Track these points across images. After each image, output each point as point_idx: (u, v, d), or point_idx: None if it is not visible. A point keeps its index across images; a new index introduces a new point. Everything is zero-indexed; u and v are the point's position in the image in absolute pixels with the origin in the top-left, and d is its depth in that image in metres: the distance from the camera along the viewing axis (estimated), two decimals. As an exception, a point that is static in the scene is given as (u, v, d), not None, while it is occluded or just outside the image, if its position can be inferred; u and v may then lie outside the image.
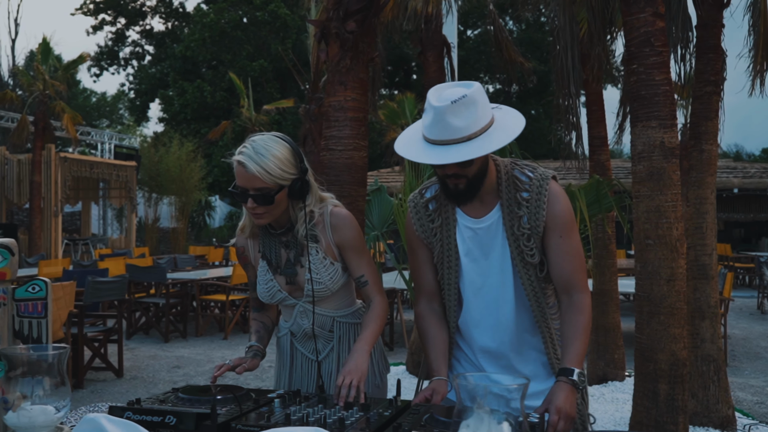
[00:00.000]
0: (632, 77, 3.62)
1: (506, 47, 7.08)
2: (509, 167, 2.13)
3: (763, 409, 5.97)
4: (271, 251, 2.28)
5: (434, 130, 1.97)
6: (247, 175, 2.08)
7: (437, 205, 2.20)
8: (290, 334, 2.39)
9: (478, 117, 1.97)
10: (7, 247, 1.72)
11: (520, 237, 2.09)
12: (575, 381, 1.95)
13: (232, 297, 9.53)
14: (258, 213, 2.14)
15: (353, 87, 4.26)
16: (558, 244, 2.08)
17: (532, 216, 2.07)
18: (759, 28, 4.59)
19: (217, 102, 27.19)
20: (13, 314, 1.74)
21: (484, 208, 2.13)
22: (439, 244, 2.19)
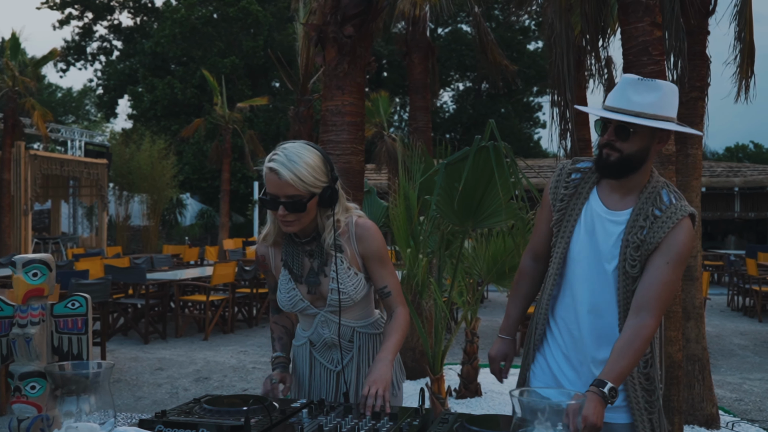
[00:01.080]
0: (630, 85, 3.68)
1: (491, 50, 7.15)
2: (660, 185, 2.19)
3: (743, 405, 6.13)
4: (293, 260, 2.28)
5: (613, 97, 2.11)
6: (279, 182, 2.08)
7: (580, 178, 2.26)
8: (309, 343, 2.37)
9: (654, 102, 2.06)
10: (45, 263, 1.71)
11: (631, 245, 2.12)
12: (605, 394, 1.99)
13: (212, 297, 9.47)
14: (288, 221, 2.14)
15: (350, 91, 4.28)
16: (660, 267, 2.10)
17: (651, 232, 2.11)
18: (745, 36, 4.71)
19: (187, 99, 26.91)
20: (52, 330, 1.73)
21: (620, 205, 2.18)
22: (562, 211, 2.26)
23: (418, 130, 7.26)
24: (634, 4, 3.60)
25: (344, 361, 2.36)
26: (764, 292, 11.27)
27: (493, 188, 4.52)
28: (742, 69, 4.84)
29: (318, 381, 2.39)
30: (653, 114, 2.05)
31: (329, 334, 2.32)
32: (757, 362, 8.03)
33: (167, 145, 21.70)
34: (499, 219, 4.54)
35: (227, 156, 18.64)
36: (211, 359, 8.12)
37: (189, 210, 26.73)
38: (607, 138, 2.11)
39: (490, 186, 4.53)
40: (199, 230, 25.58)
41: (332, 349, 2.35)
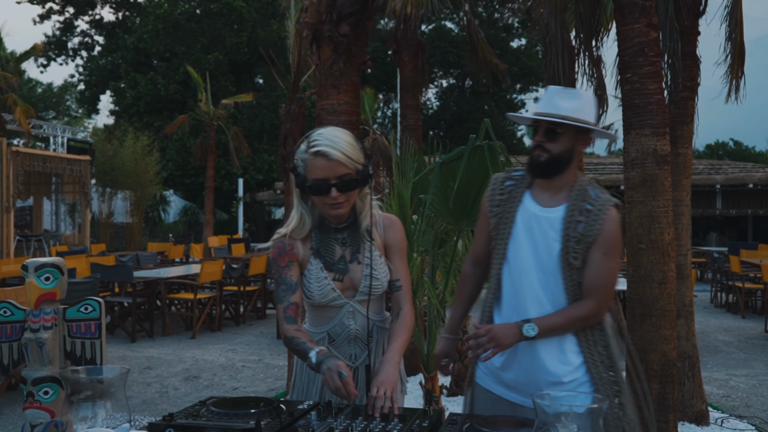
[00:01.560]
0: (626, 86, 3.71)
1: (481, 48, 7.16)
2: (586, 182, 2.39)
3: (730, 402, 6.20)
4: (326, 248, 2.27)
5: (541, 104, 2.32)
6: (329, 164, 2.10)
7: (514, 184, 2.44)
8: (327, 338, 2.32)
9: (578, 108, 2.29)
10: (57, 267, 1.69)
11: (572, 238, 2.30)
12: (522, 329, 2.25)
13: (199, 296, 9.42)
14: (339, 202, 2.16)
15: (346, 90, 4.27)
16: (598, 258, 2.29)
17: (588, 225, 2.29)
18: (736, 37, 4.75)
19: (170, 95, 26.70)
20: (65, 335, 1.71)
21: (552, 202, 2.36)
22: (498, 216, 2.42)
23: (409, 128, 7.26)
24: (630, 6, 3.63)
25: (361, 357, 2.34)
26: (747, 289, 11.41)
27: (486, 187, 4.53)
28: (733, 69, 4.89)
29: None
30: (576, 118, 2.27)
31: (354, 325, 2.30)
32: (742, 358, 8.13)
33: (150, 142, 21.53)
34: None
35: (212, 153, 18.55)
36: (199, 358, 8.08)
37: (172, 207, 26.55)
38: (538, 140, 2.31)
39: (484, 185, 4.52)
40: (182, 227, 25.42)
41: (352, 344, 2.33)
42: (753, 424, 5.42)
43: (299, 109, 5.88)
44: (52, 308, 1.69)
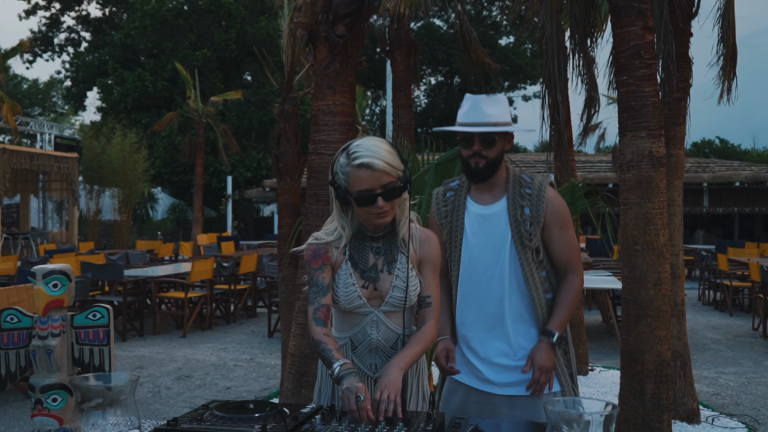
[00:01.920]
0: (622, 88, 3.73)
1: (474, 48, 7.18)
2: (517, 171, 2.61)
3: (720, 400, 6.26)
4: (360, 255, 2.28)
5: (470, 114, 2.47)
6: (374, 174, 2.12)
7: (454, 194, 2.64)
8: (350, 344, 2.33)
9: (501, 112, 2.48)
10: (65, 273, 1.68)
11: (521, 223, 2.50)
12: (553, 342, 2.46)
13: (190, 294, 9.40)
14: (385, 211, 2.18)
15: (342, 91, 4.26)
16: (558, 234, 2.52)
17: (533, 207, 2.50)
18: (728, 39, 4.79)
19: (158, 92, 26.56)
20: (72, 341, 1.71)
21: (492, 198, 2.56)
22: (448, 225, 2.60)
23: (402, 127, 7.27)
24: (626, 8, 3.64)
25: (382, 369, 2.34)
26: (735, 287, 11.50)
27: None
28: (725, 70, 4.93)
29: None
30: (503, 121, 2.48)
31: (377, 335, 2.30)
32: (730, 356, 8.20)
33: (139, 139, 21.41)
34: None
35: (200, 150, 18.47)
36: (191, 357, 8.06)
37: (161, 204, 26.42)
38: (476, 149, 2.48)
39: (479, 186, 4.56)
40: (170, 225, 25.30)
41: (373, 353, 2.33)
42: (743, 422, 5.48)
43: (293, 108, 5.86)
44: (59, 315, 1.68)
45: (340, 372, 2.10)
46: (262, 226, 29.72)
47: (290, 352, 4.23)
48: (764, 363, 7.84)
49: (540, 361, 2.43)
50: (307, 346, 4.14)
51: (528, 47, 37.19)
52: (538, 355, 2.44)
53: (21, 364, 1.71)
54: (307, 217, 4.26)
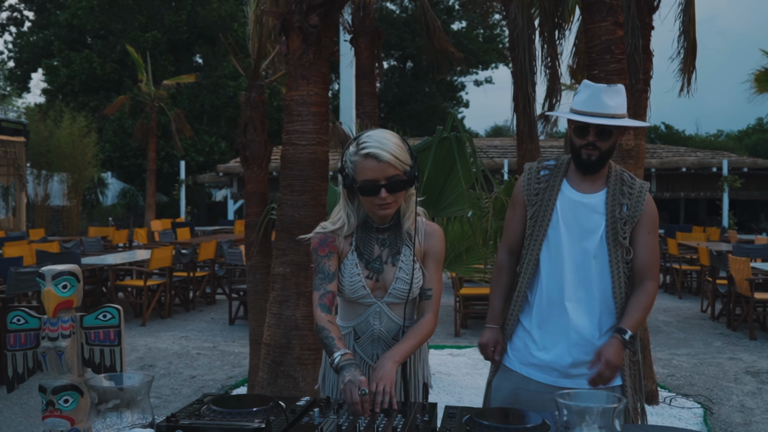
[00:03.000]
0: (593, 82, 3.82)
1: (438, 37, 7.22)
2: (619, 169, 2.58)
3: (675, 381, 6.50)
4: (365, 246, 2.32)
5: (589, 103, 2.41)
6: (380, 165, 2.16)
7: (549, 174, 2.57)
8: (353, 333, 2.39)
9: (621, 104, 2.44)
10: (74, 274, 1.68)
11: (618, 220, 2.46)
12: (626, 340, 2.38)
13: (149, 282, 9.29)
14: (388, 203, 2.21)
15: (316, 82, 4.26)
16: (645, 238, 2.49)
17: (632, 207, 2.47)
18: (689, 33, 4.94)
19: (107, 74, 25.90)
20: (82, 342, 1.71)
21: (593, 188, 2.51)
22: (537, 204, 2.53)
23: (366, 115, 7.29)
24: (598, 4, 3.73)
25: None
26: (684, 271, 11.89)
27: (454, 178, 4.62)
28: (686, 64, 5.08)
29: None
30: (622, 114, 2.43)
31: (379, 326, 2.36)
32: (682, 338, 8.50)
33: (88, 123, 20.89)
34: (459, 208, 4.65)
35: (153, 135, 18.14)
36: (152, 346, 7.98)
37: (111, 189, 25.87)
38: (591, 139, 2.42)
39: (451, 175, 4.63)
40: (121, 210, 24.82)
41: (375, 343, 2.38)
42: (698, 402, 5.71)
43: (260, 96, 5.82)
44: (69, 316, 1.68)
45: (340, 362, 2.13)
46: (214, 211, 29.39)
47: (265, 342, 4.25)
48: (714, 344, 8.15)
49: (608, 356, 2.34)
50: (283, 336, 4.16)
51: (480, 32, 37.44)
52: (607, 350, 2.36)
53: (29, 365, 1.71)
54: (282, 208, 4.26)
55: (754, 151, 40.88)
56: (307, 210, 4.23)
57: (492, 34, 37.86)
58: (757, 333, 8.61)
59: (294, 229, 4.22)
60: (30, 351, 1.70)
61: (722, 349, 7.88)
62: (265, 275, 5.97)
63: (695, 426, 5.08)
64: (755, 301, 8.41)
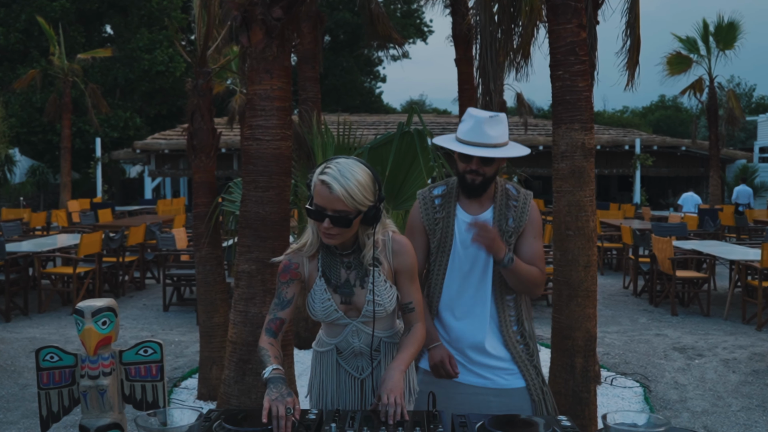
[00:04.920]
0: (557, 83, 3.94)
1: (381, 23, 7.20)
2: (503, 182, 2.77)
3: (611, 359, 6.82)
4: (331, 270, 2.32)
5: (472, 134, 2.58)
6: (330, 197, 2.14)
7: (442, 201, 2.73)
8: (336, 350, 2.43)
9: (503, 133, 2.62)
10: (112, 309, 1.64)
11: (504, 233, 2.66)
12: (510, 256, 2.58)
13: (79, 269, 8.96)
14: (331, 234, 2.20)
15: (279, 76, 4.19)
16: (531, 243, 2.71)
17: (517, 218, 2.69)
18: (635, 30, 5.12)
19: (11, 45, 24.48)
20: (122, 378, 1.67)
21: (480, 208, 2.70)
22: (440, 232, 2.69)
23: (308, 101, 7.21)
24: (563, 6, 3.82)
25: (368, 370, 2.43)
26: (605, 248, 12.40)
27: (415, 171, 4.67)
28: (631, 59, 5.28)
29: (343, 387, 2.45)
30: (503, 142, 2.61)
31: (359, 343, 2.39)
32: (609, 315, 8.90)
33: (-6, 97, 19.75)
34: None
35: (67, 111, 17.35)
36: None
37: (19, 167, 24.60)
38: (474, 167, 2.60)
39: (412, 169, 4.68)
40: (31, 189, 23.67)
41: (358, 357, 2.42)
42: (636, 381, 6.03)
43: (207, 83, 5.67)
44: (109, 353, 1.64)
45: (269, 375, 2.12)
46: (130, 188, 28.47)
47: (231, 339, 4.20)
48: (640, 320, 8.59)
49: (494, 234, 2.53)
50: (250, 333, 4.13)
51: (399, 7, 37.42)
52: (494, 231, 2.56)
53: (65, 403, 1.65)
54: (246, 204, 4.20)
55: (657, 128, 42.80)
56: (272, 206, 4.18)
57: (409, 9, 37.95)
58: (678, 309, 9.12)
59: (259, 226, 4.17)
60: (65, 389, 1.65)
61: (648, 326, 8.31)
62: (216, 266, 5.88)
63: (637, 404, 5.37)
64: (676, 278, 8.89)
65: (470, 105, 7.25)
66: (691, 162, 22.92)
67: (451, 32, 7.18)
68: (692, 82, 18.36)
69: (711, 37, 17.82)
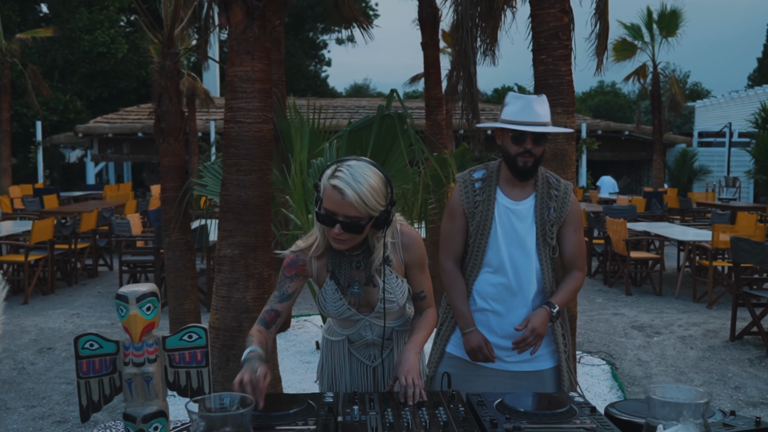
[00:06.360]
0: (540, 67, 3.98)
1: (346, 5, 7.13)
2: (544, 171, 2.76)
3: (576, 338, 6.98)
4: (340, 271, 2.28)
5: (524, 114, 2.58)
6: (342, 202, 2.05)
7: (483, 185, 2.73)
8: (347, 341, 2.43)
9: (548, 112, 2.66)
10: (155, 294, 1.60)
11: (546, 222, 2.67)
12: (553, 313, 2.60)
13: (31, 257, 8.68)
14: (341, 239, 2.13)
15: (260, 57, 4.13)
16: (571, 236, 2.73)
17: (558, 208, 2.69)
18: (605, 16, 5.21)
19: (-59, 23, 23.35)
20: (165, 365, 1.63)
21: (522, 194, 2.70)
22: (479, 215, 2.69)
23: (275, 83, 7.10)
24: (547, -9, 3.86)
25: (380, 359, 2.43)
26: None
27: (395, 154, 4.67)
28: (600, 44, 5.37)
29: (355, 375, 2.45)
30: (549, 121, 2.64)
31: (371, 335, 2.39)
32: (567, 296, 9.09)
33: None
34: (398, 183, 4.71)
35: (6, 93, 16.69)
36: (43, 326, 7.50)
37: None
38: (529, 147, 2.60)
39: (391, 153, 4.68)
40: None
41: (370, 347, 2.42)
42: (603, 359, 6.19)
43: (174, 65, 5.54)
44: (153, 339, 1.60)
45: (245, 357, 2.01)
46: (70, 173, 27.63)
47: (213, 325, 4.14)
48: (597, 301, 8.81)
49: (534, 324, 2.54)
50: (233, 319, 4.08)
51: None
52: (534, 319, 2.57)
53: (105, 392, 1.61)
54: (227, 188, 4.13)
55: (596, 112, 43.74)
56: (255, 190, 4.13)
57: (355, -8, 37.74)
58: (631, 289, 9.39)
59: (241, 210, 4.11)
60: (106, 377, 1.61)
61: (605, 306, 8.54)
62: (186, 252, 5.78)
63: (606, 381, 5.53)
64: (630, 259, 9.15)
65: (437, 89, 7.29)
66: (634, 146, 23.52)
67: (417, 16, 7.18)
68: (636, 68, 18.80)
69: (655, 25, 18.27)
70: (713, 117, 25.33)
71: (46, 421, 4.85)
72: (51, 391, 5.46)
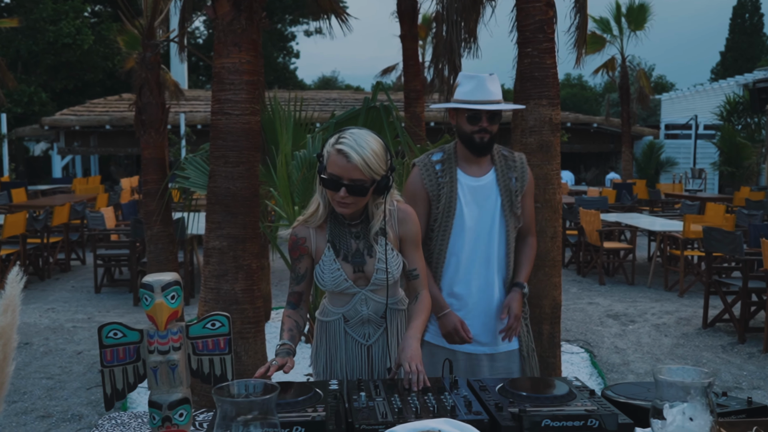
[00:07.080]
0: (526, 59, 4.05)
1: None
2: (497, 146, 2.84)
3: (552, 327, 7.10)
4: (340, 241, 2.35)
5: (477, 93, 2.64)
6: (347, 165, 2.16)
7: (443, 166, 2.77)
8: (343, 319, 2.46)
9: (500, 90, 2.72)
10: (179, 283, 1.62)
11: (512, 192, 2.77)
12: (525, 292, 2.79)
13: (3, 251, 8.54)
14: (346, 203, 2.23)
15: (247, 49, 4.13)
16: (527, 203, 2.86)
17: (520, 178, 2.80)
18: (584, 9, 5.30)
19: None
20: (189, 353, 1.66)
21: (481, 170, 2.77)
22: (445, 197, 2.73)
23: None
24: (533, -15, 3.92)
25: (375, 336, 2.48)
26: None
27: (379, 147, 4.69)
28: (579, 37, 5.46)
29: (350, 354, 2.49)
30: (502, 99, 2.73)
31: (367, 311, 2.43)
32: (542, 286, 9.23)
33: None
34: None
35: (-30, 85, 16.32)
36: (18, 321, 7.38)
37: None
38: (485, 125, 2.67)
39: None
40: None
41: (365, 325, 2.46)
42: (581, 347, 6.31)
43: (155, 57, 5.50)
44: (177, 327, 1.62)
45: (277, 351, 2.27)
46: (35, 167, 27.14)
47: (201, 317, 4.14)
48: (571, 291, 8.95)
49: (515, 310, 2.72)
50: (222, 310, 4.06)
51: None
52: (513, 305, 2.73)
53: (129, 380, 1.62)
54: (215, 180, 4.13)
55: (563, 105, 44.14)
56: (243, 182, 4.14)
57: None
58: (604, 278, 9.55)
59: (230, 202, 4.12)
60: (130, 366, 1.62)
61: (580, 295, 8.68)
62: (168, 245, 5.76)
63: (586, 368, 5.64)
64: (603, 249, 9.31)
65: (416, 81, 7.33)
66: (602, 138, 23.83)
67: (396, 9, 7.20)
68: (605, 61, 19.03)
69: (623, 18, 18.52)
70: (679, 110, 25.75)
71: (29, 416, 4.81)
72: (32, 386, 5.41)
